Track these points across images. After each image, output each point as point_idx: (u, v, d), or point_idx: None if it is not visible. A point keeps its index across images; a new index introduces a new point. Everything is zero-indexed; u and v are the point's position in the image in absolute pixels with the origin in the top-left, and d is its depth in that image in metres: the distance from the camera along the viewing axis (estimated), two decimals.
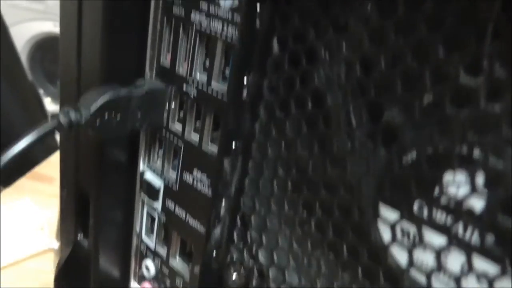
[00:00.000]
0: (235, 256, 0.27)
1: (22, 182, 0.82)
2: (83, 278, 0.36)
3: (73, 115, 0.25)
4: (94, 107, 0.25)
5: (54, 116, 0.25)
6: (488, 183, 0.16)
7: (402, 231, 0.19)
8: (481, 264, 0.17)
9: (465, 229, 0.17)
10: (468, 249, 0.17)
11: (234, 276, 0.27)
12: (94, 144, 0.30)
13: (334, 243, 0.21)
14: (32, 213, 0.72)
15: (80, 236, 0.35)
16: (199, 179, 0.28)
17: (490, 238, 0.17)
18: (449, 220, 0.18)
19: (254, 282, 0.26)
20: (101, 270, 0.35)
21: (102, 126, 0.26)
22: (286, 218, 0.23)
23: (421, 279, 0.19)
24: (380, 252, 0.20)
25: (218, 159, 0.25)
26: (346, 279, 0.21)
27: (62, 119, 0.25)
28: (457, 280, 0.17)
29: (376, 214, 0.19)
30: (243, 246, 0.26)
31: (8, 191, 0.80)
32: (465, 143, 0.17)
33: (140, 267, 0.35)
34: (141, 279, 0.36)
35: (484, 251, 0.17)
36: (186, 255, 0.32)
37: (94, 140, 0.30)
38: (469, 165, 0.17)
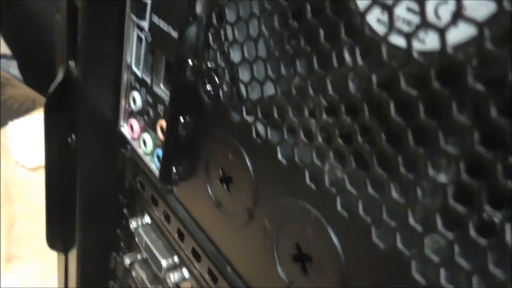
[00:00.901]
0: (209, 64, 0.25)
1: None
2: (73, 110, 0.35)
3: None
4: None
5: None
6: None
7: None
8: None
9: None
10: None
11: (208, 87, 0.26)
12: None
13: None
14: None
15: (72, 64, 0.34)
16: None
17: None
18: None
19: (225, 87, 0.24)
20: (90, 103, 0.34)
21: None
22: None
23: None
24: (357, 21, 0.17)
25: None
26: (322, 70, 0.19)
27: None
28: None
29: None
30: (218, 48, 0.24)
31: None
32: None
33: (128, 104, 0.34)
34: (129, 116, 0.34)
35: None
36: (170, 84, 0.30)
37: None
38: None
